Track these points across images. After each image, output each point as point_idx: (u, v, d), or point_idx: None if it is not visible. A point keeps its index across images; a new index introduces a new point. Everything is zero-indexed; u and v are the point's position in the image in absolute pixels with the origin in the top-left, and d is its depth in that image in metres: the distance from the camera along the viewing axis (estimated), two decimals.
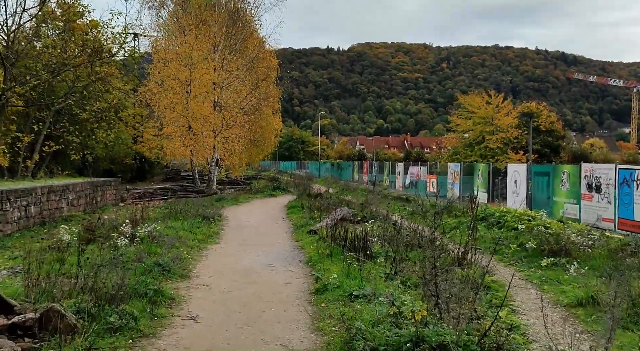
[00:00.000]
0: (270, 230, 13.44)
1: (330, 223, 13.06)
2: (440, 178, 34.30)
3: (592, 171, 18.83)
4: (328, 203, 18.83)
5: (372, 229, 11.45)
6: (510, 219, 12.38)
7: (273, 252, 9.94)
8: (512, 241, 10.33)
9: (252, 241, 11.43)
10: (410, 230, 11.25)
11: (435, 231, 6.94)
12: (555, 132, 46.09)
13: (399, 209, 19.03)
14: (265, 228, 13.81)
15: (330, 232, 10.36)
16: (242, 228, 13.77)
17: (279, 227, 14.05)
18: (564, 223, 12.00)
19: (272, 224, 14.66)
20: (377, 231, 11.09)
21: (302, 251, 9.96)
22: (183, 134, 24.19)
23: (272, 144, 47.40)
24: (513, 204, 24.72)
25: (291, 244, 11.10)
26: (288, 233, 12.86)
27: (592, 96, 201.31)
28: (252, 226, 14.13)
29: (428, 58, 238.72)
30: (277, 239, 11.73)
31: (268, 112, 42.59)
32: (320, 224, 12.88)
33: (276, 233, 12.81)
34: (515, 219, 12.24)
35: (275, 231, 13.29)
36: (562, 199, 20.49)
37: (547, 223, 11.05)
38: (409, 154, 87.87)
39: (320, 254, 8.59)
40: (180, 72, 23.64)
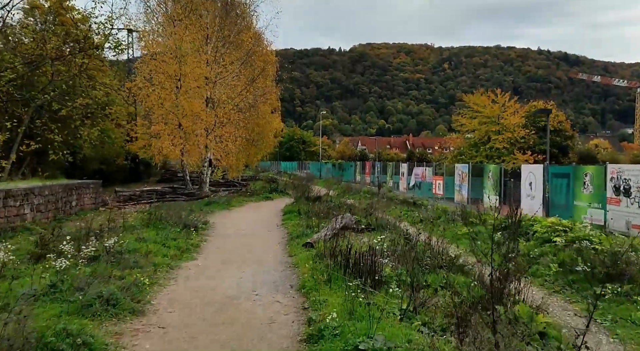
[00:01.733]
0: (260, 241, 11.62)
1: (330, 233, 11.27)
2: (446, 180, 32.64)
3: (619, 173, 17.09)
4: (328, 207, 17.04)
5: (380, 242, 9.67)
6: (541, 229, 10.57)
7: (260, 272, 8.13)
8: (550, 259, 8.52)
9: (237, 256, 9.61)
10: (426, 244, 9.44)
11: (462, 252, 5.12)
12: (563, 132, 44.37)
13: (406, 215, 17.22)
14: (256, 239, 11.99)
15: (329, 246, 8.57)
16: (228, 238, 11.96)
17: (271, 237, 12.24)
18: (607, 234, 10.17)
19: (264, 234, 12.84)
20: (387, 245, 9.30)
21: (295, 271, 8.15)
22: (172, 132, 22.39)
23: (271, 144, 45.62)
24: (528, 208, 22.95)
25: (283, 260, 9.28)
26: (281, 245, 11.04)
27: (595, 97, 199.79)
28: (241, 236, 12.32)
29: (430, 58, 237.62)
30: (268, 254, 9.91)
31: (267, 111, 40.87)
32: (318, 234, 11.09)
33: (267, 246, 10.99)
34: (546, 229, 10.43)
35: (266, 242, 11.47)
36: (585, 203, 18.74)
37: (590, 235, 9.23)
38: (412, 154, 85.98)
39: (317, 279, 6.78)
40: (168, 65, 21.84)
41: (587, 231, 9.44)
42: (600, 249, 8.13)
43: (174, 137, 21.97)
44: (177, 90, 22.42)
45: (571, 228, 10.17)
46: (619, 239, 9.02)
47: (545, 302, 6.44)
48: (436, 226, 14.13)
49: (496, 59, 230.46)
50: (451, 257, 8.26)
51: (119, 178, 36.46)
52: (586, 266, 7.23)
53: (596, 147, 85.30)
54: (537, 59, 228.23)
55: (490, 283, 5.82)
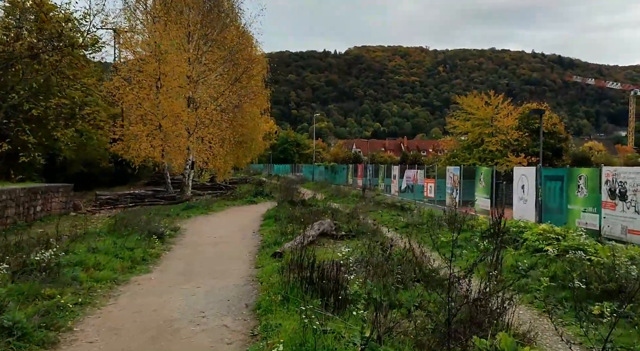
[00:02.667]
0: (231, 250, 10.74)
1: (305, 241, 10.42)
2: (438, 182, 31.93)
3: (615, 175, 16.34)
4: (310, 212, 16.19)
5: (352, 252, 8.83)
6: (532, 237, 9.75)
7: (217, 288, 7.25)
8: (541, 271, 7.69)
9: (199, 268, 8.74)
10: (405, 254, 8.59)
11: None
12: (557, 134, 43.73)
13: (392, 220, 16.38)
14: (226, 247, 11.10)
15: (298, 256, 7.72)
16: (196, 247, 11.08)
17: (244, 245, 11.35)
18: (603, 243, 9.34)
19: (237, 242, 11.96)
20: (361, 255, 8.46)
21: (256, 286, 7.28)
22: (152, 133, 21.46)
23: (260, 146, 44.80)
24: (520, 212, 22.23)
25: (247, 273, 8.41)
26: (251, 255, 10.17)
27: (589, 99, 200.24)
28: (211, 244, 11.44)
29: (425, 61, 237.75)
30: (233, 265, 9.03)
31: (255, 112, 40.07)
32: (291, 243, 10.22)
33: (236, 255, 10.11)
34: (537, 237, 9.62)
35: (236, 251, 10.58)
36: (579, 207, 17.98)
37: (585, 244, 8.42)
38: (406, 157, 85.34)
39: (272, 300, 5.90)
40: (148, 64, 20.94)
41: (581, 239, 8.62)
42: (596, 261, 7.32)
43: (153, 139, 21.05)
44: (157, 90, 21.54)
45: (564, 235, 9.36)
46: (616, 249, 8.21)
47: (534, 326, 5.59)
48: (421, 232, 13.32)
49: (491, 62, 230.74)
50: (430, 269, 7.42)
51: (105, 180, 35.41)
52: (580, 282, 6.41)
53: (590, 150, 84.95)
54: (532, 62, 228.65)
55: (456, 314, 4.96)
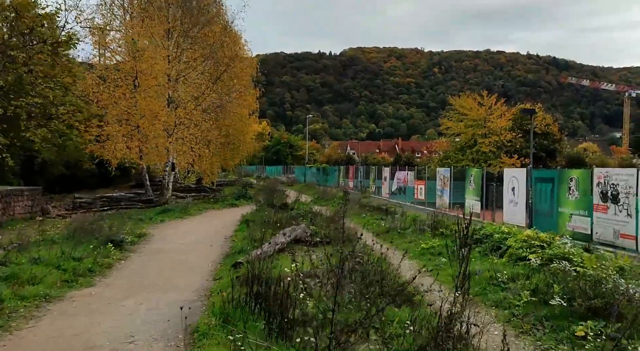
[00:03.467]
0: (193, 259, 9.98)
1: (273, 249, 9.68)
2: (428, 184, 31.27)
3: (607, 177, 15.69)
4: (289, 216, 15.46)
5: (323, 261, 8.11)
6: (515, 244, 9.05)
7: (162, 304, 6.50)
8: (521, 284, 6.98)
9: (150, 280, 7.98)
10: (377, 263, 7.86)
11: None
12: (551, 135, 43.13)
13: (374, 224, 15.65)
14: (190, 256, 10.34)
15: (253, 269, 6.99)
16: (157, 255, 10.32)
17: (210, 253, 10.60)
18: (590, 251, 8.64)
19: (204, 249, 11.20)
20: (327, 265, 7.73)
21: (205, 303, 6.53)
22: (130, 133, 20.66)
23: (249, 148, 44.02)
24: (510, 215, 21.57)
25: (202, 287, 7.66)
26: (214, 264, 9.42)
27: (584, 101, 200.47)
28: (175, 252, 10.69)
29: (420, 63, 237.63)
30: (190, 277, 8.28)
31: (243, 113, 39.32)
32: (258, 251, 9.48)
33: (197, 265, 9.36)
34: (521, 244, 8.92)
35: (199, 260, 9.83)
36: (570, 210, 17.33)
37: (571, 253, 7.72)
38: (399, 158, 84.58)
39: (208, 323, 5.15)
40: (124, 62, 20.18)
41: (566, 248, 7.91)
42: (582, 272, 6.61)
43: (129, 140, 20.26)
44: (135, 88, 20.76)
45: (549, 243, 8.65)
46: (604, 258, 7.51)
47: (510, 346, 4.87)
48: (402, 237, 12.62)
49: (486, 63, 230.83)
50: (399, 283, 6.69)
51: (91, 182, 34.50)
52: (562, 299, 5.70)
53: (585, 151, 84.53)
54: (527, 63, 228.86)
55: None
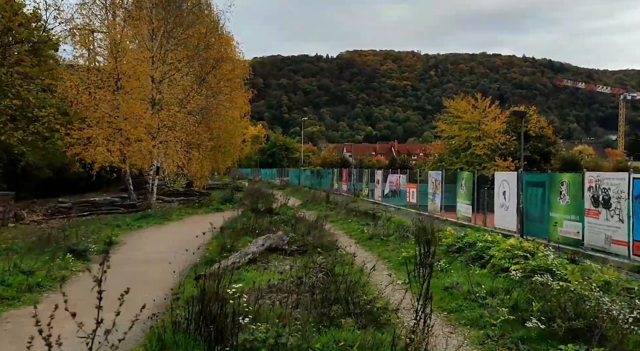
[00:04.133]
0: (158, 271, 9.42)
1: (244, 259, 9.17)
2: (421, 187, 30.84)
3: (598, 182, 15.24)
4: (271, 222, 14.96)
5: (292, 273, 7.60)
6: (498, 254, 8.56)
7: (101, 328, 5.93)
8: (500, 299, 6.48)
9: (104, 296, 7.40)
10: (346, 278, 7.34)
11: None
12: (545, 138, 42.79)
13: (359, 230, 15.14)
14: (156, 267, 9.78)
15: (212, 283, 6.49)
16: (122, 266, 9.74)
17: (177, 264, 10.01)
18: (576, 262, 8.14)
19: (172, 259, 10.60)
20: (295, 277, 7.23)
21: (147, 325, 5.98)
22: (113, 136, 20.10)
23: (241, 150, 43.50)
24: (501, 219, 21.13)
25: (157, 304, 7.10)
26: (180, 277, 8.88)
27: (579, 103, 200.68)
28: (141, 263, 10.14)
29: (416, 66, 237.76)
30: (148, 293, 7.68)
31: (234, 115, 38.87)
32: (228, 261, 8.98)
33: (161, 278, 8.81)
34: (504, 254, 8.43)
35: (165, 272, 9.22)
36: (561, 215, 16.88)
37: (554, 265, 7.24)
38: (394, 161, 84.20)
39: None
40: (106, 63, 19.65)
41: (549, 259, 7.41)
42: (565, 287, 6.11)
43: (110, 143, 19.71)
44: (118, 90, 20.23)
45: (533, 253, 8.17)
46: (590, 271, 7.03)
47: None
48: (384, 245, 12.12)
49: (482, 66, 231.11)
50: (365, 300, 6.18)
51: (81, 186, 33.86)
52: (541, 318, 5.20)
53: (580, 154, 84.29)
54: (522, 66, 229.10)
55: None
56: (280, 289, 7.36)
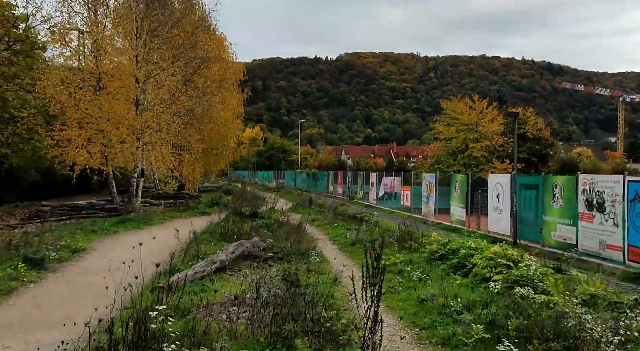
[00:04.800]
0: (118, 282, 8.75)
1: (206, 269, 8.54)
2: (415, 190, 30.29)
3: (592, 184, 14.65)
4: (252, 227, 14.35)
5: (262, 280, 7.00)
6: (481, 262, 7.96)
7: None
8: (478, 313, 5.87)
9: (47, 311, 6.80)
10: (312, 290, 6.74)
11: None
12: (543, 140, 42.22)
13: (343, 235, 14.53)
14: (116, 277, 9.10)
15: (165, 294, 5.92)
16: (79, 276, 9.14)
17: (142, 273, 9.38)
18: (563, 271, 7.53)
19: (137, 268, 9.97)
20: (254, 290, 6.63)
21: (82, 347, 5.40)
22: (94, 138, 19.47)
23: (234, 152, 42.91)
24: (495, 223, 20.53)
25: (104, 320, 6.53)
26: (139, 287, 8.25)
27: (578, 106, 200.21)
28: (102, 273, 9.28)
29: (416, 68, 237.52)
30: (99, 307, 7.13)
31: (227, 117, 38.35)
32: (192, 270, 8.38)
33: (117, 290, 8.16)
34: (487, 263, 7.83)
35: (123, 283, 8.59)
36: (555, 218, 16.30)
37: (538, 275, 6.63)
38: (391, 163, 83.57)
39: None
40: (86, 62, 19.07)
41: (531, 270, 6.80)
42: (546, 301, 5.51)
43: (90, 144, 19.10)
44: (99, 90, 19.63)
45: (517, 261, 7.57)
46: (575, 282, 6.41)
47: None
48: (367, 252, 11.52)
49: (481, 68, 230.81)
50: (325, 317, 5.56)
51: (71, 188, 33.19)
52: (517, 338, 4.61)
53: (579, 156, 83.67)
54: (522, 68, 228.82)
55: None
56: (243, 301, 6.77)
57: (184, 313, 6.17)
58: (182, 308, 6.32)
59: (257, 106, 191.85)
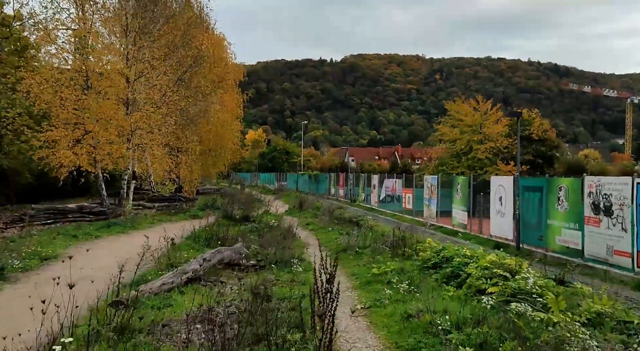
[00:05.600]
0: (79, 294, 8.00)
1: (176, 280, 7.82)
2: (417, 192, 29.64)
3: (598, 187, 13.90)
4: (238, 232, 13.64)
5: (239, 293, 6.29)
6: (476, 272, 7.22)
7: None
8: (469, 333, 5.14)
9: None
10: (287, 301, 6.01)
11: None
12: (548, 141, 41.31)
13: (336, 240, 13.78)
14: (79, 289, 8.33)
15: None
16: (40, 287, 8.30)
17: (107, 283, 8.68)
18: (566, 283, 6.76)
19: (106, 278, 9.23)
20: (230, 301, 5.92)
21: None
22: (84, 139, 18.84)
23: (233, 154, 42.19)
24: (497, 226, 19.81)
25: (47, 341, 5.83)
26: (99, 302, 7.55)
27: (585, 107, 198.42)
28: (65, 282, 8.73)
29: (421, 69, 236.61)
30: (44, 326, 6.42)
31: (226, 119, 37.74)
32: (162, 280, 7.67)
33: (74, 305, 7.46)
34: (482, 273, 7.09)
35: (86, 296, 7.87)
36: (559, 222, 15.56)
37: (536, 288, 5.89)
38: (395, 165, 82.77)
39: None
40: (74, 60, 18.46)
41: (528, 283, 6.03)
42: (545, 320, 4.78)
43: (77, 146, 18.46)
44: (88, 90, 19.01)
45: (515, 271, 6.81)
46: (579, 297, 5.66)
47: None
48: (357, 258, 10.78)
49: (486, 70, 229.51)
50: (292, 340, 4.84)
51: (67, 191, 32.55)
52: None
53: (586, 158, 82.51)
54: (527, 70, 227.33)
55: None
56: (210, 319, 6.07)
57: (133, 335, 5.45)
58: (132, 329, 5.59)
59: (261, 108, 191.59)
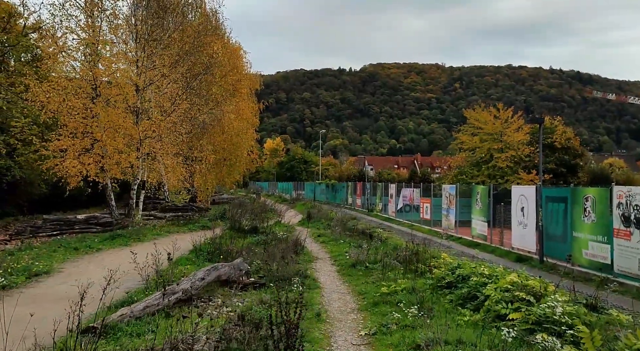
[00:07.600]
0: (58, 315, 7.45)
1: (163, 301, 7.13)
2: (435, 202, 28.78)
3: (629, 197, 12.93)
4: (246, 244, 12.98)
5: None
6: (495, 294, 6.41)
7: None
8: None
9: None
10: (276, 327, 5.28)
11: None
12: (572, 150, 39.95)
13: (346, 254, 13.00)
14: (63, 308, 7.82)
15: None
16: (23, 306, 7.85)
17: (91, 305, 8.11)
18: (599, 309, 5.89)
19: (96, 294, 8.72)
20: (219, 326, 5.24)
21: None
22: (86, 147, 18.46)
23: (250, 163, 41.74)
24: (519, 238, 18.83)
25: None
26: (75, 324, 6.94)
27: (609, 115, 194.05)
28: (52, 302, 8.05)
29: (441, 78, 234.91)
30: None
31: (241, 127, 37.37)
32: (146, 302, 7.02)
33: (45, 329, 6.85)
34: (502, 295, 6.28)
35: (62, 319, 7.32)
36: (586, 235, 14.58)
37: (566, 316, 5.06)
38: (414, 174, 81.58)
39: None
40: (82, 68, 18.16)
41: (556, 312, 5.20)
42: None
43: (85, 155, 18.09)
44: (96, 98, 18.68)
45: (540, 295, 5.98)
46: (619, 323, 4.83)
47: None
48: (367, 275, 10.01)
49: (507, 78, 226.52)
50: None
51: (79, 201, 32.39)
52: None
53: (610, 167, 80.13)
54: (549, 78, 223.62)
55: None
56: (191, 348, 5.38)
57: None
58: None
59: (281, 117, 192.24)
